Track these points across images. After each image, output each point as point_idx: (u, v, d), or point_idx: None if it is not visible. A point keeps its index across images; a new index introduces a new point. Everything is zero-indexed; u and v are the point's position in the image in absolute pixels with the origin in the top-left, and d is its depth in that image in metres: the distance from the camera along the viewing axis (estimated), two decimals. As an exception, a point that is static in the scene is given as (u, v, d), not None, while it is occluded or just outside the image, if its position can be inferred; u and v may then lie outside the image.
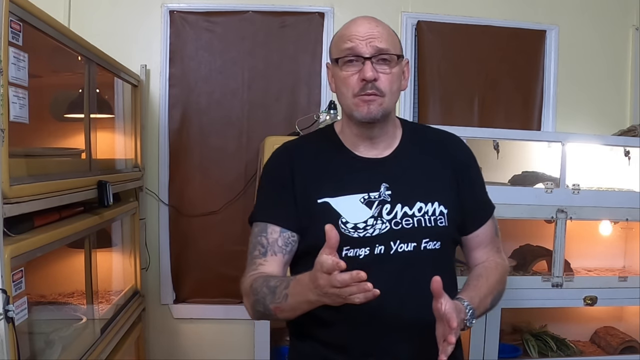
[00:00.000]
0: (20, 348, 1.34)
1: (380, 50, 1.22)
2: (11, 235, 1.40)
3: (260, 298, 1.18)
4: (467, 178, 1.37)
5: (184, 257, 3.00)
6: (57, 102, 2.23)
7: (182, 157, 2.97)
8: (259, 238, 1.27)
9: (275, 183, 1.31)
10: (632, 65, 3.22)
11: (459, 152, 1.40)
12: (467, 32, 3.09)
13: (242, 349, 2.96)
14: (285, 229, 1.27)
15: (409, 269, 1.24)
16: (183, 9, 2.95)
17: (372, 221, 1.24)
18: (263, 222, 1.28)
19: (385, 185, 1.27)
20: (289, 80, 3.01)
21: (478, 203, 1.39)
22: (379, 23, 1.27)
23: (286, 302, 1.13)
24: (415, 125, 1.42)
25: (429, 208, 1.27)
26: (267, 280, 1.20)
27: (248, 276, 1.26)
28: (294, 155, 1.33)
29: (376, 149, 1.31)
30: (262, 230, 1.27)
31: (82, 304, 2.09)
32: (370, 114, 1.23)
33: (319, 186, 1.27)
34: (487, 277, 1.32)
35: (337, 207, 1.25)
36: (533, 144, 2.67)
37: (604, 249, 2.88)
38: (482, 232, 1.38)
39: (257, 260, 1.25)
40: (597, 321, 2.89)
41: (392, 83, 1.24)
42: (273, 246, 1.26)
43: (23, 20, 1.43)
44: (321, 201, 1.25)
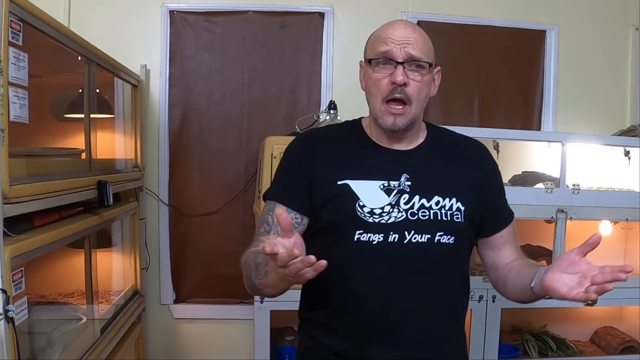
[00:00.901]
0: (20, 348, 1.34)
1: (413, 57, 1.24)
2: (11, 235, 1.40)
3: (249, 273, 1.22)
4: (490, 184, 1.40)
5: (184, 257, 3.00)
6: (57, 102, 2.23)
7: (182, 157, 2.97)
8: (266, 216, 1.30)
9: (292, 164, 1.34)
10: (632, 65, 3.22)
11: (482, 158, 1.43)
12: (467, 32, 3.09)
13: (242, 349, 2.96)
14: (291, 209, 1.29)
15: (421, 260, 1.25)
16: (183, 9, 2.95)
17: (389, 208, 1.25)
18: (272, 200, 1.32)
19: (405, 175, 1.29)
20: (289, 80, 3.01)
21: (500, 207, 1.42)
22: (416, 29, 1.29)
23: (266, 279, 1.15)
24: (440, 128, 1.45)
25: (446, 203, 1.29)
26: (255, 256, 1.22)
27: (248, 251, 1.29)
28: (320, 139, 1.37)
29: (400, 144, 1.34)
30: (270, 209, 1.30)
31: (82, 304, 2.09)
32: (395, 125, 1.26)
33: (340, 169, 1.29)
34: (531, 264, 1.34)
35: (357, 190, 1.26)
36: (533, 144, 2.67)
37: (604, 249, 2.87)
38: (506, 233, 1.40)
39: (261, 237, 1.28)
40: (597, 321, 2.89)
41: (421, 91, 1.27)
42: (277, 226, 1.26)
43: (23, 20, 1.43)
44: (341, 183, 1.27)
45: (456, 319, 1.35)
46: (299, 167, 1.31)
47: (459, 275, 1.34)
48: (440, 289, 1.28)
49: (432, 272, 1.26)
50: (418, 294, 1.25)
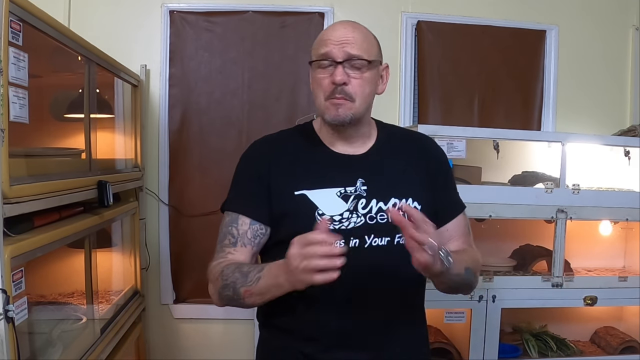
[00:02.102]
0: (20, 348, 1.34)
1: (351, 55, 1.26)
2: (11, 235, 1.40)
3: (230, 282, 1.22)
4: (440, 178, 1.42)
5: (184, 257, 3.00)
6: (57, 102, 2.23)
7: (182, 157, 2.97)
8: (230, 228, 1.31)
9: (250, 173, 1.35)
10: (632, 65, 3.22)
11: (433, 153, 1.45)
12: (467, 32, 3.09)
13: (242, 349, 2.96)
14: (255, 221, 1.31)
15: (382, 263, 1.27)
16: (183, 9, 2.95)
17: (348, 214, 1.28)
18: (235, 212, 1.33)
19: (361, 180, 1.31)
20: (289, 80, 3.01)
21: (449, 201, 1.43)
22: (356, 28, 1.30)
23: (257, 285, 1.17)
24: (390, 126, 1.47)
25: (402, 203, 1.31)
26: (239, 267, 1.24)
27: (216, 263, 1.30)
28: (273, 148, 1.38)
29: (352, 147, 1.35)
30: (233, 221, 1.32)
31: (82, 304, 2.09)
32: (339, 117, 1.28)
33: (296, 179, 1.30)
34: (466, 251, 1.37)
35: (314, 199, 1.28)
36: (533, 144, 2.67)
37: (604, 249, 2.88)
38: (452, 226, 1.41)
39: (227, 249, 1.30)
40: (597, 321, 2.89)
41: (364, 87, 1.28)
42: (243, 237, 1.30)
43: (23, 20, 1.43)
44: (298, 193, 1.28)
45: (418, 316, 1.38)
46: (257, 176, 1.33)
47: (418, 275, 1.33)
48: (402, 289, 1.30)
49: (393, 273, 1.28)
50: (381, 295, 1.28)
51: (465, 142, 2.33)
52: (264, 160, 1.34)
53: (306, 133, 1.39)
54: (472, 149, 2.42)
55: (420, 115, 3.06)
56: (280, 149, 1.37)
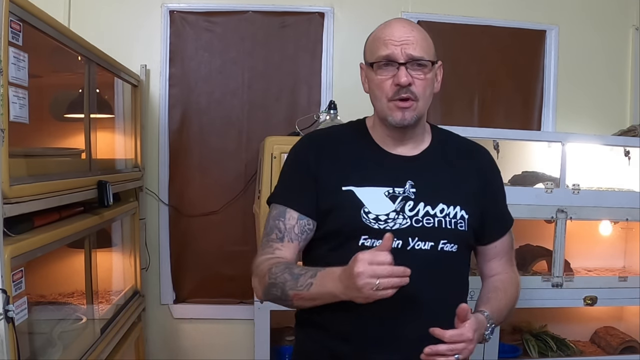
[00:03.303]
0: (20, 348, 1.34)
1: (414, 57, 1.25)
2: (11, 235, 1.40)
3: (279, 283, 1.20)
4: (491, 190, 1.41)
5: (184, 257, 3.00)
6: (57, 102, 2.23)
7: (182, 157, 2.97)
8: (277, 222, 1.29)
9: (299, 167, 1.33)
10: (632, 65, 3.22)
11: (485, 163, 1.43)
12: (467, 32, 3.09)
13: (242, 349, 2.96)
14: (303, 215, 1.29)
15: (424, 268, 1.24)
16: (183, 9, 2.95)
17: (394, 215, 1.26)
18: (282, 205, 1.30)
19: (410, 182, 1.29)
20: (289, 80, 3.01)
21: (499, 215, 1.43)
22: (414, 27, 1.29)
23: (308, 291, 1.16)
24: (444, 131, 1.45)
25: (450, 210, 1.29)
26: (289, 267, 1.22)
27: (265, 258, 1.27)
28: (324, 142, 1.36)
29: (405, 148, 1.34)
30: (280, 214, 1.29)
31: (82, 304, 2.09)
32: (405, 120, 1.26)
33: (345, 174, 1.29)
34: (506, 291, 1.36)
35: (361, 196, 1.27)
36: (533, 144, 2.67)
37: (604, 249, 2.88)
38: (500, 244, 1.41)
39: (274, 244, 1.28)
40: (597, 321, 2.89)
41: (426, 88, 1.27)
42: (290, 233, 1.28)
43: (23, 20, 1.43)
44: (346, 189, 1.27)
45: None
46: (306, 170, 1.31)
47: (460, 281, 1.36)
48: (441, 295, 1.28)
49: (434, 279, 1.27)
50: (420, 300, 1.25)
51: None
52: (314, 154, 1.33)
53: (358, 130, 1.37)
54: (472, 149, 2.42)
55: (420, 115, 3.05)
56: (331, 144, 1.35)
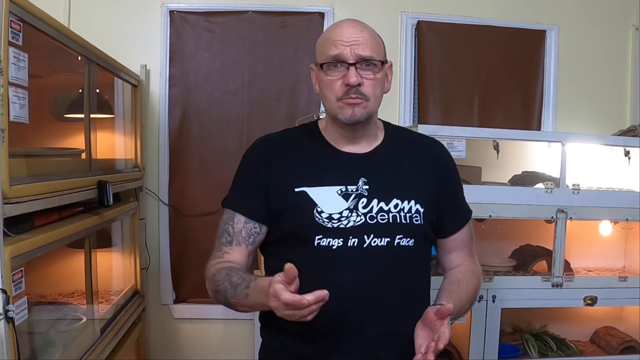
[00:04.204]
0: (20, 348, 1.34)
1: (363, 57, 1.24)
2: (11, 235, 1.40)
3: (221, 290, 1.24)
4: (447, 183, 1.40)
5: (184, 257, 3.00)
6: (57, 102, 2.23)
7: (182, 157, 2.97)
8: (226, 226, 1.33)
9: (249, 171, 1.35)
10: (632, 65, 3.22)
11: (440, 156, 1.43)
12: (467, 32, 3.09)
13: (242, 349, 2.96)
14: (249, 219, 1.32)
15: (381, 263, 1.26)
16: (183, 9, 2.95)
17: (347, 213, 1.26)
18: (231, 210, 1.35)
19: (363, 179, 1.29)
20: (289, 80, 3.01)
21: (457, 208, 1.43)
22: (364, 27, 1.28)
23: (246, 300, 1.20)
24: (397, 127, 1.46)
25: (404, 205, 1.29)
26: (229, 275, 1.24)
27: (212, 263, 1.32)
28: (275, 144, 1.37)
29: (358, 146, 1.34)
30: (229, 219, 1.34)
31: (82, 304, 2.09)
32: (355, 116, 1.26)
33: (297, 176, 1.30)
34: (467, 283, 1.35)
35: (314, 196, 1.27)
36: (533, 144, 2.67)
37: (604, 249, 2.88)
38: (459, 236, 1.41)
39: (224, 247, 1.32)
40: (597, 321, 2.89)
41: (376, 88, 1.28)
42: (237, 236, 1.32)
43: (23, 20, 1.43)
44: (298, 190, 1.28)
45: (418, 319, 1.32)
46: (255, 173, 1.33)
47: (420, 275, 1.36)
48: (401, 291, 1.29)
49: (393, 275, 1.27)
50: (379, 297, 1.26)
51: (465, 142, 2.33)
52: (264, 157, 1.34)
53: (310, 132, 1.38)
54: (472, 149, 2.42)
55: (420, 115, 3.06)
56: (282, 146, 1.36)
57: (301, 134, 1.40)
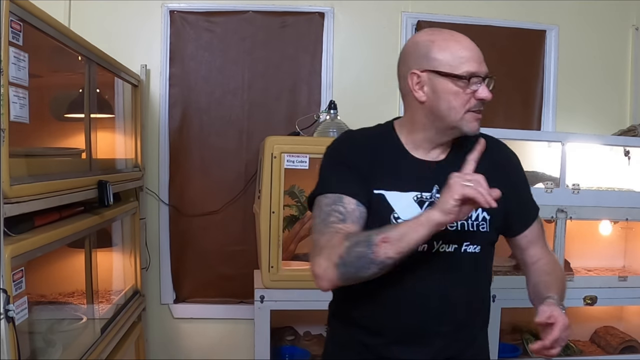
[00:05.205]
0: (20, 348, 1.34)
1: (488, 73, 1.30)
2: (11, 235, 1.40)
3: (362, 239, 1.17)
4: (512, 181, 1.42)
5: (184, 257, 3.00)
6: (58, 102, 2.23)
7: (182, 157, 2.97)
8: (335, 206, 1.25)
9: (345, 163, 1.32)
10: (632, 65, 3.22)
11: (503, 155, 1.45)
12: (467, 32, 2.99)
13: (242, 349, 2.96)
14: (360, 203, 1.26)
15: (449, 269, 1.30)
16: (183, 9, 2.95)
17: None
18: (337, 193, 1.26)
19: (436, 187, 1.31)
20: (289, 80, 3.01)
21: (524, 205, 1.45)
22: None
23: (397, 229, 1.15)
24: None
25: (472, 213, 1.31)
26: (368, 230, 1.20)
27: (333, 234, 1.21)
28: (358, 143, 1.36)
29: (433, 153, 1.36)
30: (336, 200, 1.26)
31: (82, 304, 2.09)
32: (478, 129, 1.32)
33: (376, 177, 1.30)
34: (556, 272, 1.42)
35: (391, 201, 1.29)
36: (533, 144, 2.67)
37: (604, 249, 2.88)
38: (530, 232, 1.44)
39: (336, 225, 1.22)
40: (597, 321, 2.89)
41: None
42: (351, 215, 1.24)
43: (23, 20, 1.43)
44: (377, 192, 1.29)
45: (482, 319, 1.41)
46: (347, 167, 1.31)
47: (484, 276, 1.41)
48: (466, 294, 1.33)
49: (459, 279, 1.31)
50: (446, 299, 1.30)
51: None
52: (352, 152, 1.34)
53: (388, 134, 1.38)
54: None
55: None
56: (364, 145, 1.36)
57: (379, 136, 1.38)
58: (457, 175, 1.15)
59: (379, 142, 1.37)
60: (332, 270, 1.17)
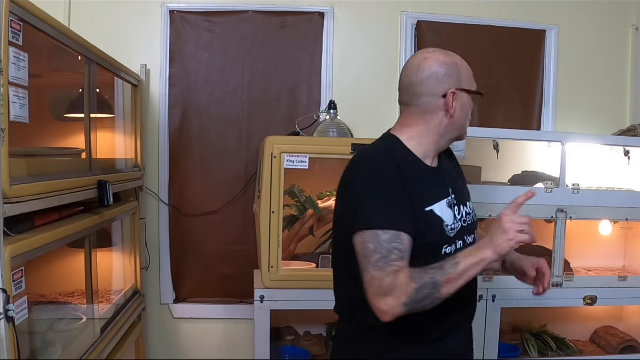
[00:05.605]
0: (20, 348, 1.34)
1: None
2: (11, 235, 1.40)
3: (427, 281, 1.25)
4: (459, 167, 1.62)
5: (184, 257, 3.00)
6: (58, 102, 2.23)
7: (182, 157, 2.97)
8: (395, 244, 1.30)
9: (393, 186, 1.35)
10: (632, 65, 3.22)
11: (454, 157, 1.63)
12: (467, 32, 3.09)
13: (242, 349, 2.96)
14: (411, 237, 1.32)
15: None
16: (183, 9, 2.95)
17: (455, 221, 1.43)
18: (395, 231, 1.30)
19: (451, 189, 1.45)
20: (289, 80, 3.02)
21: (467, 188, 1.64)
22: None
23: (456, 269, 1.26)
24: None
25: (470, 206, 1.51)
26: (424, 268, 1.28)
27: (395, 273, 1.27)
28: (398, 161, 1.39)
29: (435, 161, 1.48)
30: (395, 238, 1.30)
31: (82, 304, 2.09)
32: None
33: (419, 194, 1.38)
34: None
35: (439, 213, 1.40)
36: (533, 144, 2.67)
37: (604, 249, 2.89)
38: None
39: (397, 263, 1.29)
40: (597, 321, 2.89)
41: None
42: (407, 252, 1.31)
43: (23, 20, 1.43)
44: (428, 209, 1.38)
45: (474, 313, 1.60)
46: (400, 189, 1.34)
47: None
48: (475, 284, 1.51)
49: None
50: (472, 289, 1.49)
51: (465, 142, 2.33)
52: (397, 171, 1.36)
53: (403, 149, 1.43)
54: (472, 148, 2.42)
55: (420, 115, 3.05)
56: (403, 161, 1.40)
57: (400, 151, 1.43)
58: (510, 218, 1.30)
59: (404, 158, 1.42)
60: (399, 308, 1.26)
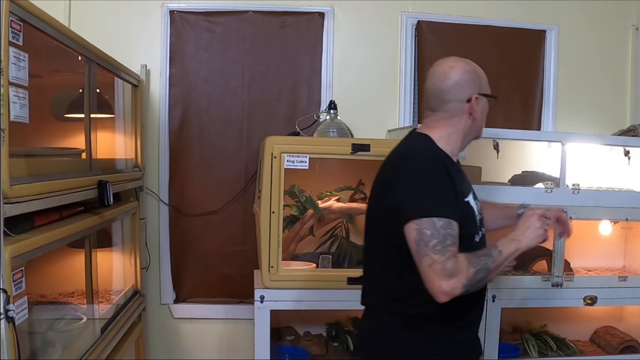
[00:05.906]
0: (20, 348, 1.34)
1: None
2: (11, 235, 1.41)
3: (482, 266, 1.41)
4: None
5: (184, 257, 3.00)
6: (58, 102, 2.23)
7: (182, 157, 2.97)
8: (449, 230, 1.42)
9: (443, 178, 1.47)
10: (631, 65, 3.22)
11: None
12: (467, 32, 3.09)
13: (242, 349, 2.96)
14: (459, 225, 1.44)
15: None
16: (183, 9, 2.96)
17: (478, 213, 1.57)
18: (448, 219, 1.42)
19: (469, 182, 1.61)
20: (289, 80, 3.02)
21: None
22: None
23: (501, 257, 1.44)
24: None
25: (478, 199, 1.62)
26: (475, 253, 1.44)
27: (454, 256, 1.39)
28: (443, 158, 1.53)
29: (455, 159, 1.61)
30: (448, 225, 1.41)
31: (82, 304, 2.09)
32: None
33: (461, 185, 1.52)
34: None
35: (472, 204, 1.55)
36: (533, 144, 2.67)
37: (604, 249, 2.88)
38: None
39: (452, 248, 1.41)
40: (597, 321, 2.89)
41: None
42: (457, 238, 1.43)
43: (23, 20, 1.43)
44: (466, 200, 1.52)
45: None
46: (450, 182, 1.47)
47: None
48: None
49: None
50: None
51: (465, 142, 2.33)
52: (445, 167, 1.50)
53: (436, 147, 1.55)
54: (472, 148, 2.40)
55: (420, 115, 3.06)
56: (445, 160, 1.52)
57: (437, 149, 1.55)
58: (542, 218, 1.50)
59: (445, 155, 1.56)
60: (459, 289, 1.38)
